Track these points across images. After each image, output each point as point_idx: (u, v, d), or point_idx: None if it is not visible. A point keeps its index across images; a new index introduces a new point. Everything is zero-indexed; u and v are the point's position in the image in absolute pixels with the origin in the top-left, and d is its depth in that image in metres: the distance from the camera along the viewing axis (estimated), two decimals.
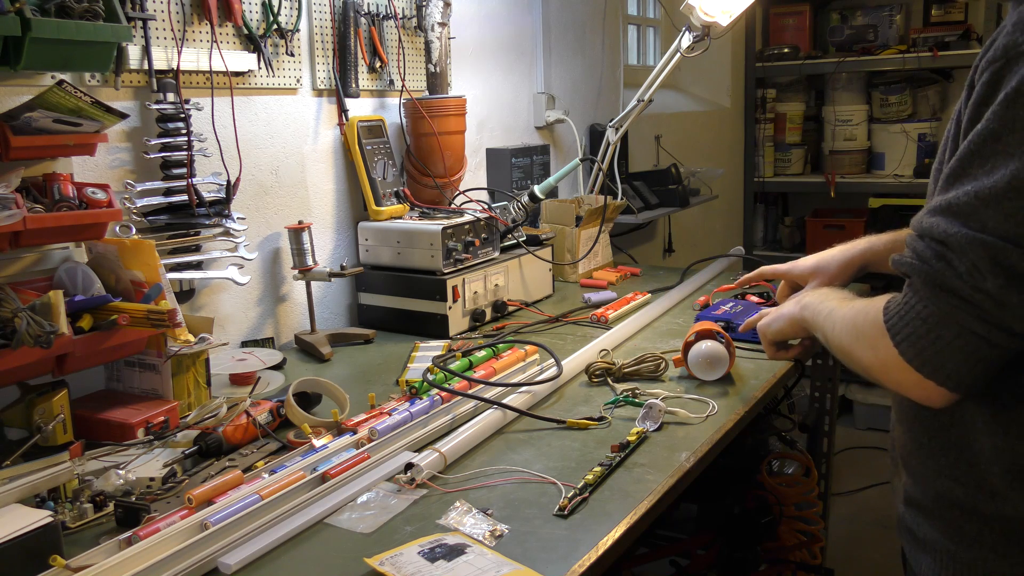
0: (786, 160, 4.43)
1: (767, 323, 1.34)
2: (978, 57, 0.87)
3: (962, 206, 0.82)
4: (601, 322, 1.84)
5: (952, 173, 0.84)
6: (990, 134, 0.80)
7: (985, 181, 0.80)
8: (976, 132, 0.82)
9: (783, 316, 1.28)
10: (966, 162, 0.82)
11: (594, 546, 0.94)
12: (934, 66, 3.94)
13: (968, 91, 0.86)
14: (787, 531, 2.04)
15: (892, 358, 0.89)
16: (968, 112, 0.84)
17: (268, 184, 1.78)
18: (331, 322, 1.95)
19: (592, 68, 2.99)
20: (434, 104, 1.98)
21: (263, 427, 1.25)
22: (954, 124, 0.89)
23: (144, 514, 1.00)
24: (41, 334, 1.12)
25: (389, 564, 0.87)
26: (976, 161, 0.81)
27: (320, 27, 1.84)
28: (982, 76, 0.83)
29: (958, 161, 0.83)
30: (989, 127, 0.81)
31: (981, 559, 0.92)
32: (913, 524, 1.00)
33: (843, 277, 1.40)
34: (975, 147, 0.82)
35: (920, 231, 0.87)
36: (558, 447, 1.21)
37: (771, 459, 2.12)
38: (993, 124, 0.80)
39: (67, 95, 1.19)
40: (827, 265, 1.42)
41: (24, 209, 1.17)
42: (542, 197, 2.13)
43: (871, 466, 3.44)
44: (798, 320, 1.22)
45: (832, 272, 1.41)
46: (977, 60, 0.86)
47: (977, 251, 0.80)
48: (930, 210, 0.86)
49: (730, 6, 2.25)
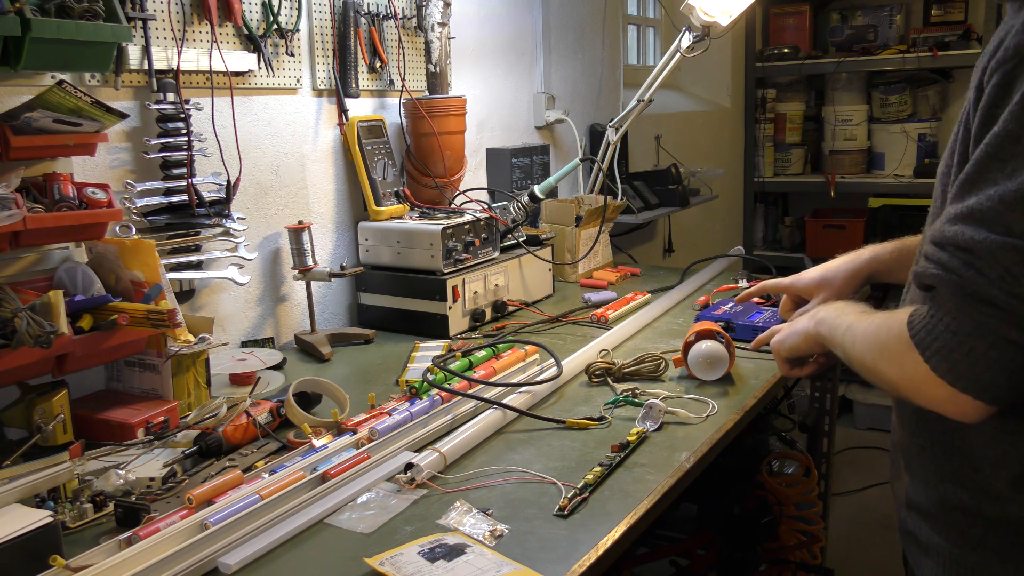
0: (786, 160, 4.43)
1: (781, 340, 1.28)
2: (983, 59, 0.86)
3: (985, 212, 0.79)
4: (601, 322, 1.84)
5: (969, 179, 0.82)
6: (1008, 136, 0.79)
7: (1008, 185, 0.78)
8: (992, 135, 0.80)
9: (797, 332, 1.23)
10: (984, 167, 0.80)
11: (594, 546, 0.94)
12: (934, 66, 3.94)
13: (976, 93, 0.84)
14: (787, 531, 2.04)
15: (922, 374, 0.85)
16: (979, 115, 0.83)
17: (268, 184, 1.78)
18: (331, 322, 1.95)
19: (592, 68, 2.99)
20: (434, 104, 1.98)
21: (263, 427, 1.24)
22: (961, 127, 0.87)
23: (144, 514, 1.00)
24: (41, 334, 1.12)
25: (389, 564, 0.87)
26: (995, 165, 0.79)
27: (320, 27, 1.84)
28: (992, 78, 0.81)
29: (975, 166, 0.81)
30: (1006, 129, 0.79)
31: (985, 563, 0.92)
32: (916, 528, 1.00)
33: (850, 289, 1.36)
34: (992, 150, 0.80)
35: (941, 240, 0.84)
36: (558, 447, 1.21)
37: (771, 459, 2.12)
38: (1010, 125, 0.78)
39: (67, 95, 1.19)
40: (833, 277, 1.38)
41: (24, 209, 1.17)
42: (542, 197, 2.13)
43: (871, 466, 3.44)
44: (813, 336, 1.17)
45: (838, 284, 1.37)
46: (984, 62, 0.85)
47: (1008, 256, 0.77)
48: (950, 218, 0.83)
49: (730, 6, 2.25)
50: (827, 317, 1.12)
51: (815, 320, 1.16)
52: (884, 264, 1.34)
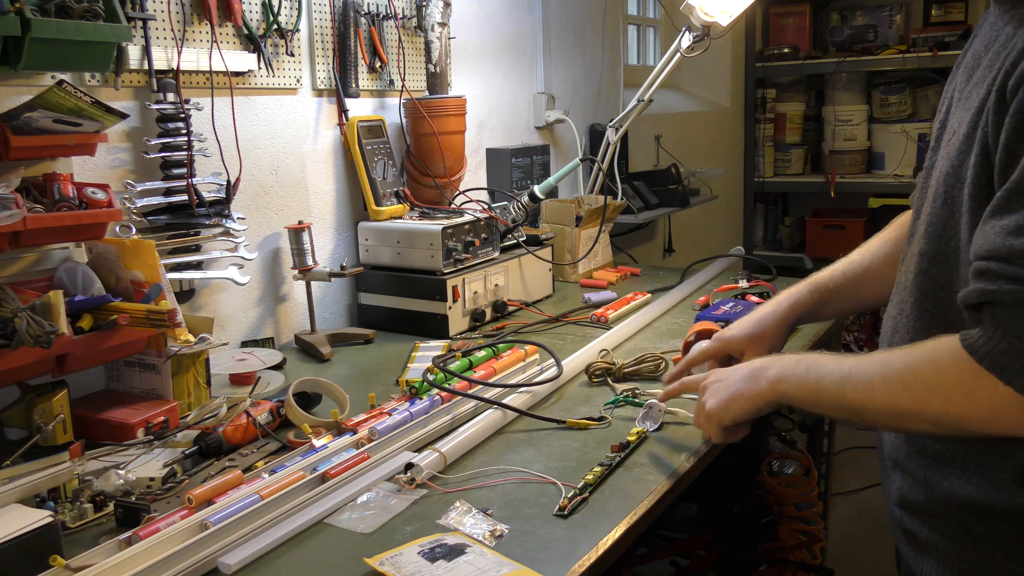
0: (786, 160, 4.44)
1: (723, 405, 1.10)
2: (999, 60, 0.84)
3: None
4: (601, 322, 1.84)
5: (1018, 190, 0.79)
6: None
7: None
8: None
9: (744, 395, 1.07)
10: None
11: (594, 546, 0.94)
12: (934, 66, 3.94)
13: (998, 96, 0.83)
14: (787, 531, 2.04)
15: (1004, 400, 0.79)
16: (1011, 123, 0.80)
17: (268, 184, 1.79)
18: (331, 322, 1.95)
19: (592, 68, 2.99)
20: (434, 104, 1.98)
21: (263, 427, 1.25)
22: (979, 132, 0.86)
23: (144, 514, 1.00)
24: (41, 334, 1.12)
25: (389, 564, 0.88)
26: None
27: (320, 27, 1.84)
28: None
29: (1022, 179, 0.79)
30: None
31: (989, 559, 0.91)
32: (912, 526, 0.99)
33: (780, 340, 1.29)
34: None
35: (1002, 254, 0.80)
36: (558, 447, 1.21)
37: (771, 459, 2.12)
38: None
39: (67, 95, 1.19)
40: (763, 330, 1.28)
41: (24, 209, 1.17)
42: (542, 197, 2.13)
43: (871, 466, 3.42)
44: (769, 398, 1.04)
45: (769, 337, 1.28)
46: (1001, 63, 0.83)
47: None
48: (1007, 232, 0.80)
49: (730, 6, 2.25)
50: (787, 373, 1.02)
51: (767, 380, 1.04)
52: (806, 307, 1.29)
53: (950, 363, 0.83)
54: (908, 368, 0.88)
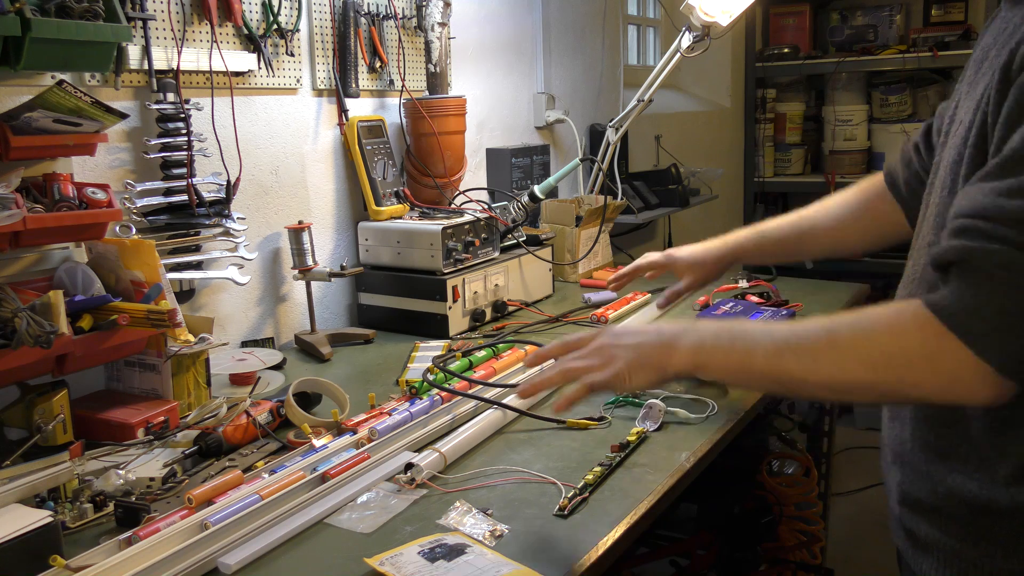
0: (786, 160, 4.43)
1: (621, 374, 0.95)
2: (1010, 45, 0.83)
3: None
4: (601, 322, 1.84)
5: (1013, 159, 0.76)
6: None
7: None
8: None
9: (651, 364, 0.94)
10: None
11: (594, 546, 0.94)
12: (934, 66, 3.94)
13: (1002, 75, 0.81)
14: (787, 531, 2.05)
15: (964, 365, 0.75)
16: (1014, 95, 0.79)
17: (268, 184, 1.78)
18: (331, 322, 1.95)
19: (592, 68, 2.99)
20: (434, 104, 1.98)
21: (263, 427, 1.25)
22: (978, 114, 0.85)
23: (144, 514, 1.00)
24: (41, 334, 1.12)
25: (389, 564, 0.87)
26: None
27: (320, 27, 1.84)
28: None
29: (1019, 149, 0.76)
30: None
31: (989, 556, 0.91)
32: (912, 524, 0.99)
33: (716, 272, 1.43)
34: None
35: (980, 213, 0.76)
36: (558, 447, 1.21)
37: (771, 459, 2.12)
38: None
39: (67, 95, 1.19)
40: (703, 259, 1.42)
41: (24, 209, 1.17)
42: (542, 197, 2.13)
43: (871, 466, 3.42)
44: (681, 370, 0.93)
45: (709, 267, 1.43)
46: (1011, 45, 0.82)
47: None
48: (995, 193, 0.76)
49: (730, 6, 2.25)
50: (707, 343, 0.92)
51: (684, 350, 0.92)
52: (745, 251, 1.41)
53: (912, 328, 0.78)
54: (862, 336, 0.82)
